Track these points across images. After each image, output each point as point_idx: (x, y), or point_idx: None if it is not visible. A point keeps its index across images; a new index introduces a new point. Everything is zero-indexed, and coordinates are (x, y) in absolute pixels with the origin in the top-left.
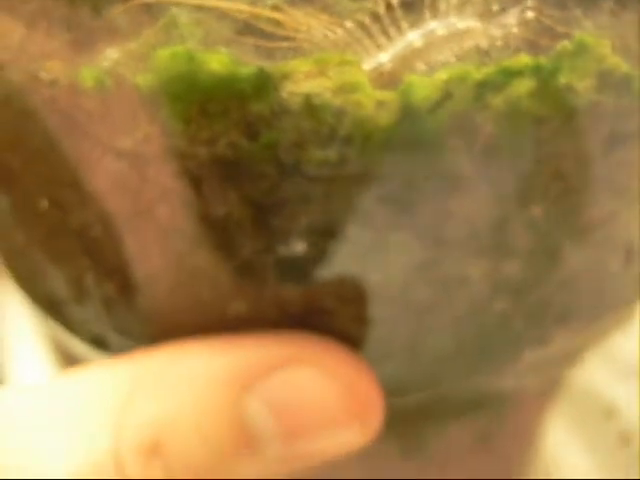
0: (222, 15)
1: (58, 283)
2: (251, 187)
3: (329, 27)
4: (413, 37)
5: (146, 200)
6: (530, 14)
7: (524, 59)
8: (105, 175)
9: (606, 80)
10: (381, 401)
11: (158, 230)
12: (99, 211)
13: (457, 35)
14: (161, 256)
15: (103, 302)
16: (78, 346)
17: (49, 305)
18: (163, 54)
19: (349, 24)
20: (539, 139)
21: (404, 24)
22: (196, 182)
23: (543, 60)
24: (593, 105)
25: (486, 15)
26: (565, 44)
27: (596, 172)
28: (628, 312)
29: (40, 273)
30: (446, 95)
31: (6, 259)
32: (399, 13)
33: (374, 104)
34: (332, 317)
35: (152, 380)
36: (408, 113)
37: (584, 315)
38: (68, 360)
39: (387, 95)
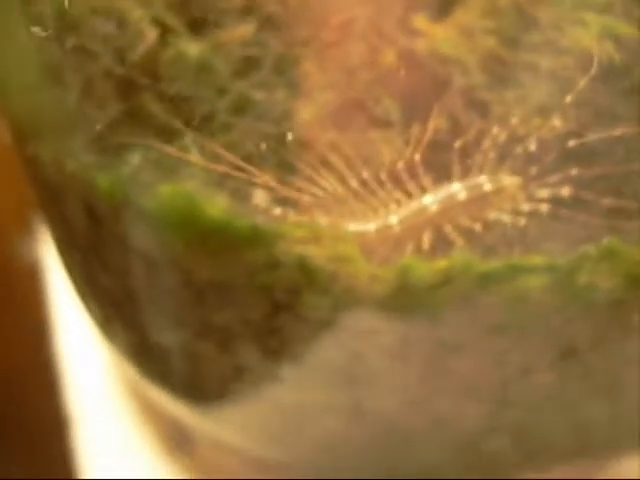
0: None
1: None
2: (247, 311)
3: (340, 180)
4: (428, 201)
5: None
6: (566, 191)
7: (535, 259)
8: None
9: (635, 281)
10: None
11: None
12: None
13: (481, 200)
14: None
15: None
16: None
17: None
18: (165, 190)
19: (362, 176)
20: (551, 323)
21: (425, 181)
22: (198, 294)
23: (559, 262)
24: (617, 301)
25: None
26: (587, 249)
27: (614, 351)
28: None
29: None
30: (446, 280)
31: None
32: (420, 170)
33: (368, 277)
34: None
35: None
36: (403, 289)
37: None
38: None
39: (382, 271)
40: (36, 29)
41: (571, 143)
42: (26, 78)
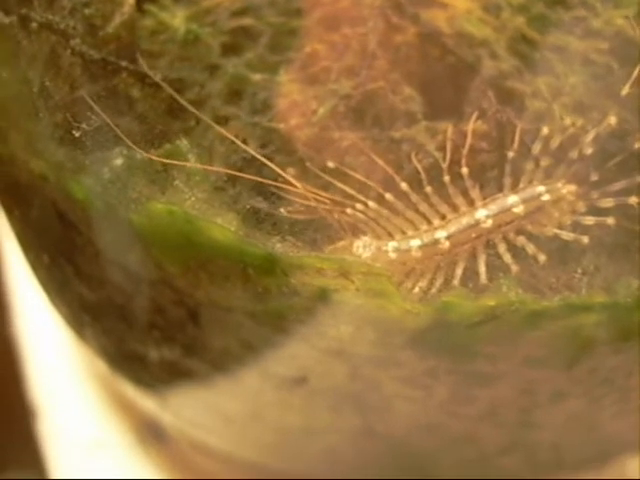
0: None
1: None
2: (245, 334)
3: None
4: (482, 215)
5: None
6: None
7: (599, 298)
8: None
9: None
10: None
11: None
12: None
13: (540, 212)
14: None
15: None
16: None
17: None
18: (159, 208)
19: (400, 186)
20: (591, 356)
21: (473, 193)
22: (189, 313)
23: (622, 299)
24: None
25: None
26: None
27: None
28: None
29: None
30: (491, 317)
31: None
32: (469, 182)
33: (402, 311)
34: None
35: None
36: (440, 325)
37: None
38: None
39: (419, 308)
40: None
41: (638, 145)
42: None
